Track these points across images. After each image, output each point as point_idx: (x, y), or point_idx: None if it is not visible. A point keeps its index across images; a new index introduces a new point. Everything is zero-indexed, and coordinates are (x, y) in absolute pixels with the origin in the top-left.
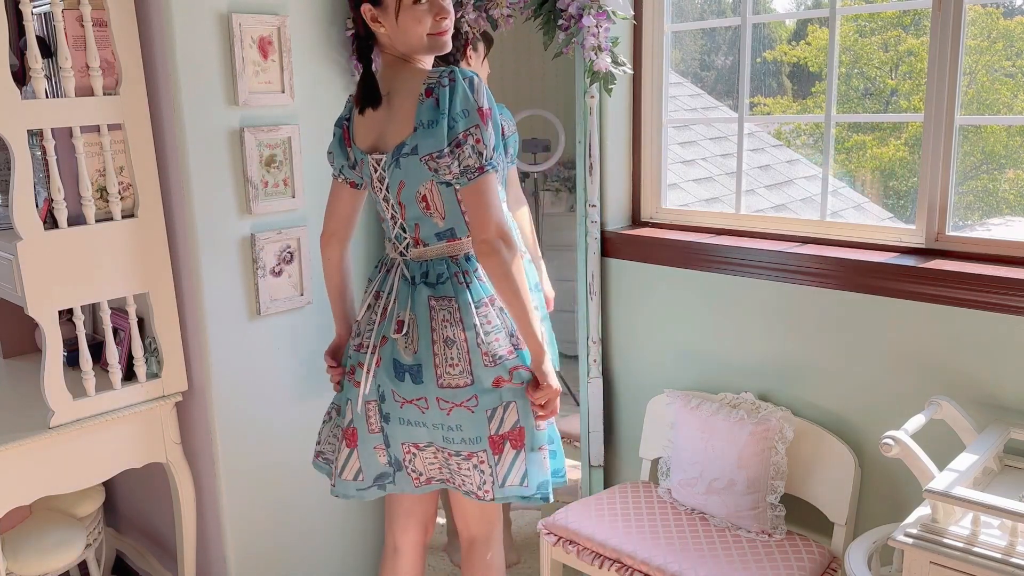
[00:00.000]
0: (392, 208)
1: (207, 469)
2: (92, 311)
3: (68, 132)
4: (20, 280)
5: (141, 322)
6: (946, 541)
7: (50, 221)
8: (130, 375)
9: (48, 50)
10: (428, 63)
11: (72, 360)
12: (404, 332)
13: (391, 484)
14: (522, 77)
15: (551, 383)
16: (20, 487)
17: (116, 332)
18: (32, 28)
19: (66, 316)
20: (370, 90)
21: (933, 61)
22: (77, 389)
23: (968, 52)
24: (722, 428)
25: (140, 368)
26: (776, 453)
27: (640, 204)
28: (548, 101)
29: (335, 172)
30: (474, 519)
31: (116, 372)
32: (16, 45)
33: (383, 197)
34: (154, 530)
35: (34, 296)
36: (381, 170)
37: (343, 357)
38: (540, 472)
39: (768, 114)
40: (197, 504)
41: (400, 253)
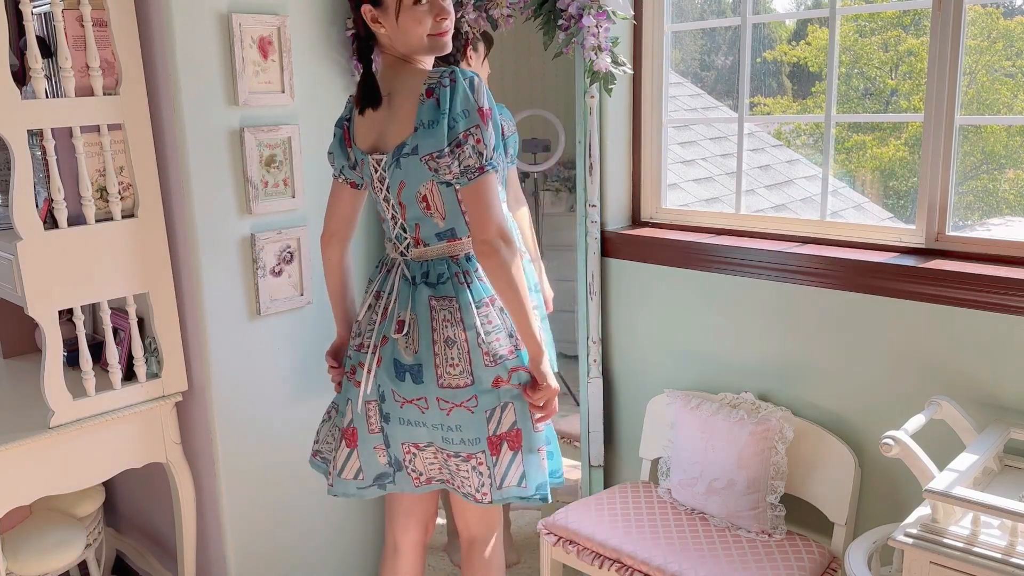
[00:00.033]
0: (392, 208)
1: (207, 469)
2: (92, 311)
3: (68, 132)
4: (20, 280)
5: (141, 322)
6: (946, 541)
7: (50, 221)
8: (130, 375)
9: (48, 50)
10: (428, 63)
11: (72, 360)
12: (405, 332)
13: (391, 484)
14: (522, 77)
15: (550, 383)
16: (20, 487)
17: (116, 332)
18: (32, 28)
19: (66, 316)
20: (370, 90)
21: (933, 61)
22: (77, 389)
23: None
24: (722, 428)
25: (140, 368)
26: (776, 453)
27: (640, 204)
28: (548, 101)
29: (335, 172)
30: (474, 519)
31: (116, 372)
32: (16, 45)
33: (383, 197)
34: (154, 530)
35: (34, 296)
36: (381, 170)
37: (343, 357)
38: (538, 473)
39: (768, 114)
40: (197, 504)
41: (401, 253)
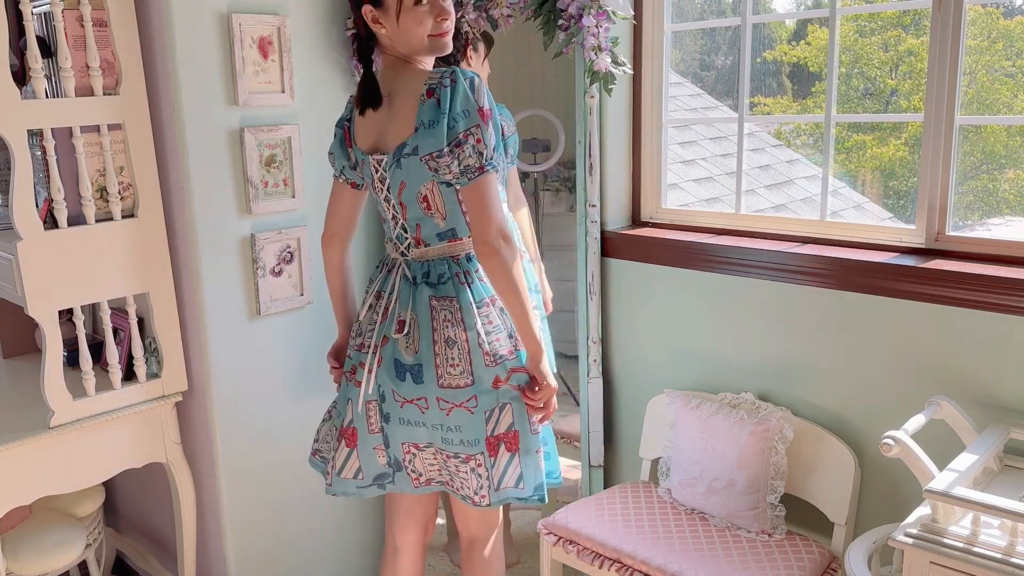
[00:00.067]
0: (393, 208)
1: (207, 469)
2: (92, 311)
3: (68, 132)
4: (20, 280)
5: (141, 322)
6: (946, 541)
7: (50, 221)
8: (130, 375)
9: (48, 50)
10: (429, 64)
11: (72, 360)
12: (405, 332)
13: (390, 484)
14: (522, 77)
15: (549, 383)
16: (20, 487)
17: (116, 332)
18: (32, 28)
19: (66, 316)
20: (371, 91)
21: (933, 61)
22: (77, 389)
23: (968, 52)
24: (722, 428)
25: (140, 368)
26: (776, 453)
27: (640, 204)
28: (548, 101)
29: (336, 173)
30: (474, 520)
31: (116, 372)
32: (16, 45)
33: (384, 197)
34: (154, 530)
35: (34, 296)
36: (382, 171)
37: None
38: (536, 474)
39: (768, 114)
40: (197, 504)
41: (401, 253)
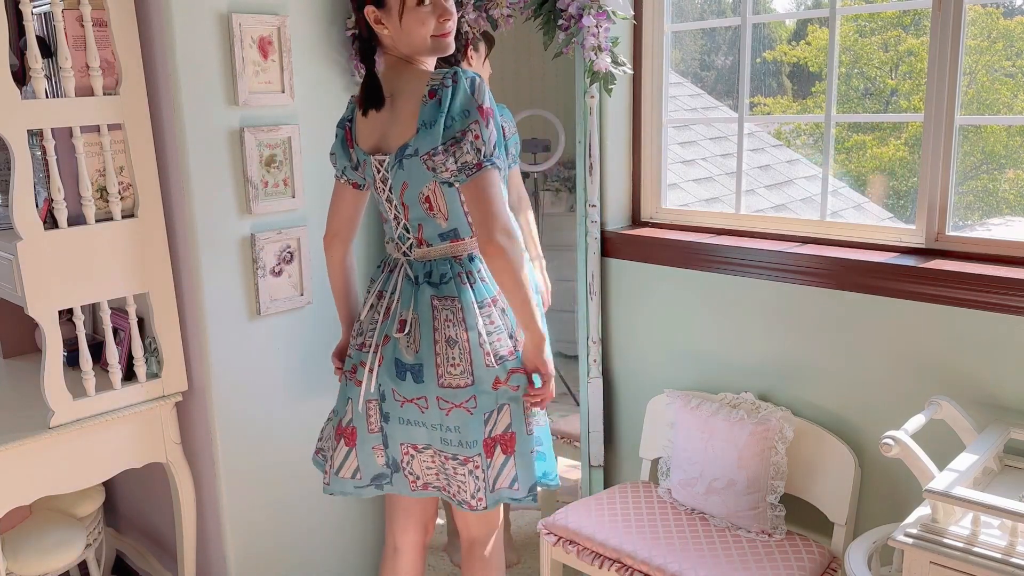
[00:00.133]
0: (395, 209)
1: (207, 469)
2: (92, 311)
3: (68, 132)
4: (20, 280)
5: (141, 322)
6: (946, 541)
7: (50, 221)
8: (130, 375)
9: (48, 50)
10: (431, 64)
11: (72, 360)
12: (406, 332)
13: (388, 485)
14: (522, 77)
15: (550, 370)
16: (20, 487)
17: (116, 332)
18: (32, 28)
19: (66, 316)
20: (373, 91)
21: (933, 61)
22: (77, 389)
23: (968, 52)
24: (722, 428)
25: (140, 368)
26: (776, 453)
27: (640, 204)
28: (548, 101)
29: (337, 173)
30: (475, 520)
31: (116, 372)
32: (16, 45)
33: (386, 198)
34: (154, 530)
35: (34, 296)
36: (384, 171)
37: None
38: (530, 475)
39: (768, 114)
40: (197, 504)
41: (403, 253)
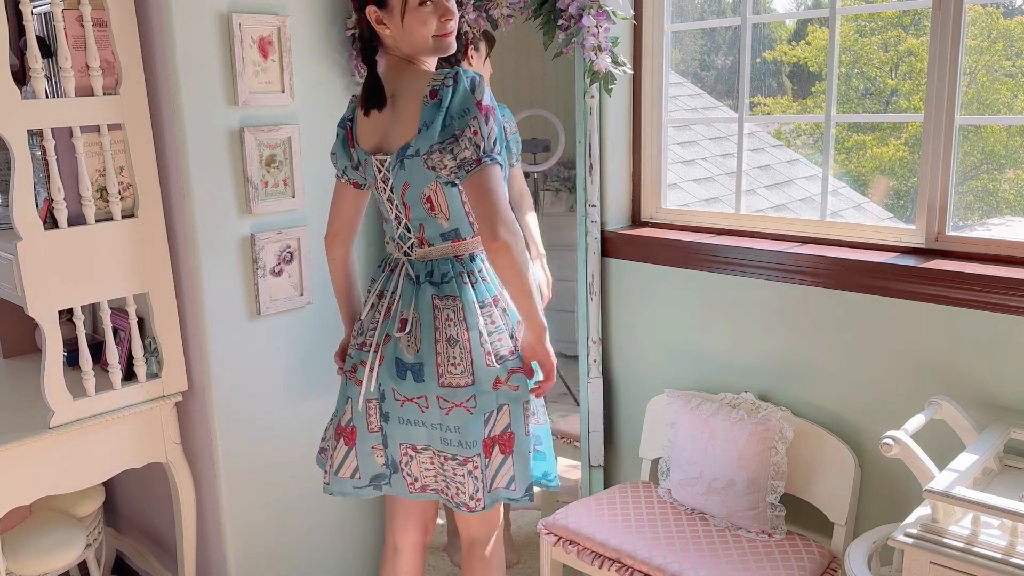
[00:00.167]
0: (396, 208)
1: (207, 469)
2: (92, 311)
3: (68, 132)
4: (20, 280)
5: (141, 322)
6: (946, 541)
7: (50, 221)
8: (130, 375)
9: (48, 50)
10: (432, 64)
11: (72, 360)
12: (407, 331)
13: (387, 485)
14: (522, 77)
15: (552, 360)
16: (20, 487)
17: (116, 332)
18: (32, 28)
19: (66, 316)
20: (375, 92)
21: (933, 61)
22: (77, 389)
23: (968, 52)
24: (722, 428)
25: (140, 368)
26: (776, 453)
27: (640, 204)
28: (548, 101)
29: (338, 173)
30: (475, 520)
31: (116, 372)
32: (16, 45)
33: (387, 198)
34: (154, 530)
35: (34, 296)
36: (385, 171)
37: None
38: (527, 476)
39: (768, 114)
40: (197, 504)
41: (404, 253)
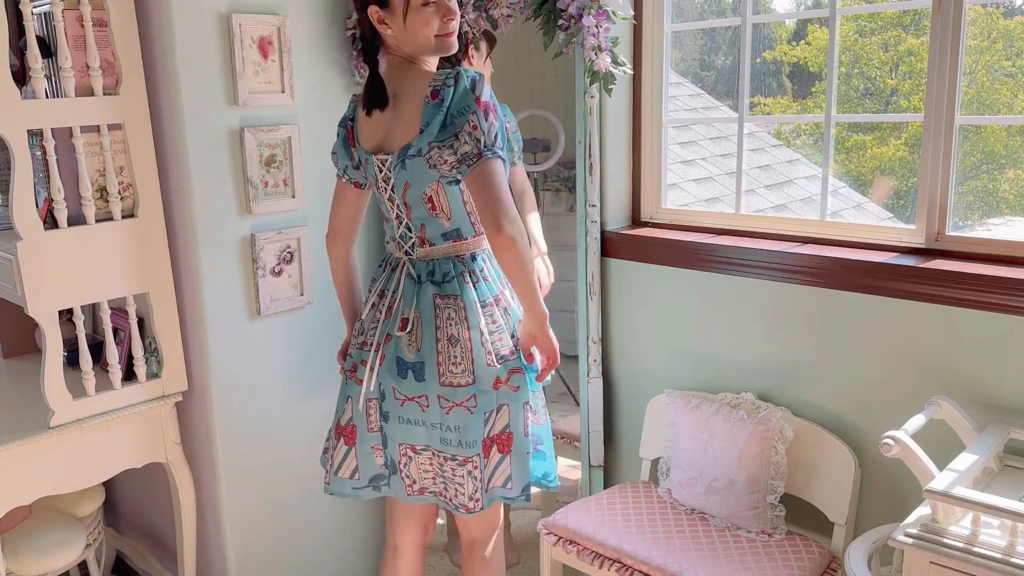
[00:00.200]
0: (397, 208)
1: (207, 469)
2: (92, 311)
3: (68, 132)
4: (20, 280)
5: (141, 322)
6: (946, 541)
7: (50, 221)
8: (130, 375)
9: (48, 50)
10: (433, 64)
11: (72, 360)
12: (408, 330)
13: (386, 486)
14: (522, 77)
15: (555, 345)
16: (20, 487)
17: (116, 332)
18: (32, 28)
19: (66, 316)
20: (378, 92)
21: (933, 61)
22: (77, 389)
23: (968, 52)
24: (722, 428)
25: (140, 368)
26: (776, 453)
27: (640, 204)
28: (548, 101)
29: (339, 172)
30: (475, 521)
31: (116, 372)
32: (16, 45)
33: (388, 197)
34: (154, 530)
35: (34, 296)
36: (387, 171)
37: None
38: (524, 475)
39: (768, 114)
40: (197, 504)
41: (406, 252)
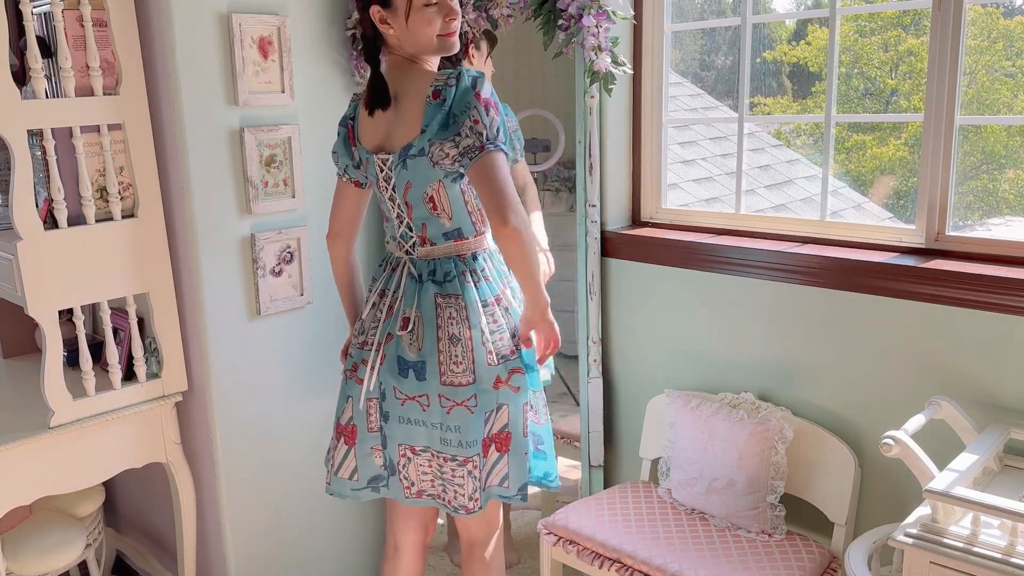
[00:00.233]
0: (398, 208)
1: (207, 469)
2: (92, 311)
3: (68, 132)
4: (20, 280)
5: (141, 322)
6: (946, 541)
7: (50, 221)
8: (130, 375)
9: (48, 50)
10: (434, 64)
11: (72, 360)
12: (410, 329)
13: (384, 488)
14: (522, 77)
15: (556, 330)
16: (20, 487)
17: (116, 332)
18: (32, 28)
19: (66, 316)
20: (380, 91)
21: (933, 61)
22: (77, 389)
23: (968, 52)
24: (722, 428)
25: (140, 368)
26: (776, 453)
27: (640, 204)
28: (548, 101)
29: (339, 171)
30: (475, 523)
31: (116, 372)
32: (16, 45)
33: (389, 197)
34: (154, 530)
35: (34, 296)
36: (387, 170)
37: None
38: (521, 475)
39: (768, 114)
40: (197, 504)
41: (406, 252)
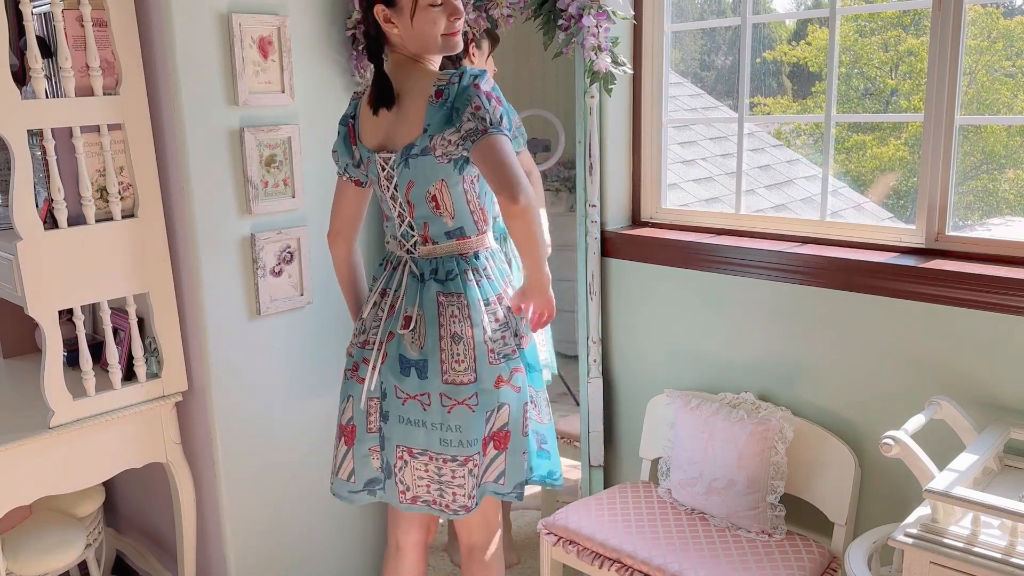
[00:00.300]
0: (400, 207)
1: (207, 469)
2: (92, 311)
3: (68, 132)
4: (20, 280)
5: (141, 322)
6: (946, 541)
7: (50, 221)
8: (130, 375)
9: (48, 50)
10: (436, 63)
11: (72, 360)
12: (412, 327)
13: (380, 491)
14: (522, 77)
15: (551, 301)
16: (20, 487)
17: (116, 332)
18: (32, 28)
19: (66, 316)
20: (385, 91)
21: (933, 61)
22: (77, 389)
23: (968, 52)
24: (722, 428)
25: (140, 368)
26: (776, 453)
27: (640, 204)
28: (548, 101)
29: (340, 170)
30: (475, 526)
31: (116, 372)
32: (16, 45)
33: (390, 195)
34: (154, 530)
35: (34, 296)
36: (389, 169)
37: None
38: (518, 474)
39: (768, 114)
40: (197, 504)
41: (407, 251)
